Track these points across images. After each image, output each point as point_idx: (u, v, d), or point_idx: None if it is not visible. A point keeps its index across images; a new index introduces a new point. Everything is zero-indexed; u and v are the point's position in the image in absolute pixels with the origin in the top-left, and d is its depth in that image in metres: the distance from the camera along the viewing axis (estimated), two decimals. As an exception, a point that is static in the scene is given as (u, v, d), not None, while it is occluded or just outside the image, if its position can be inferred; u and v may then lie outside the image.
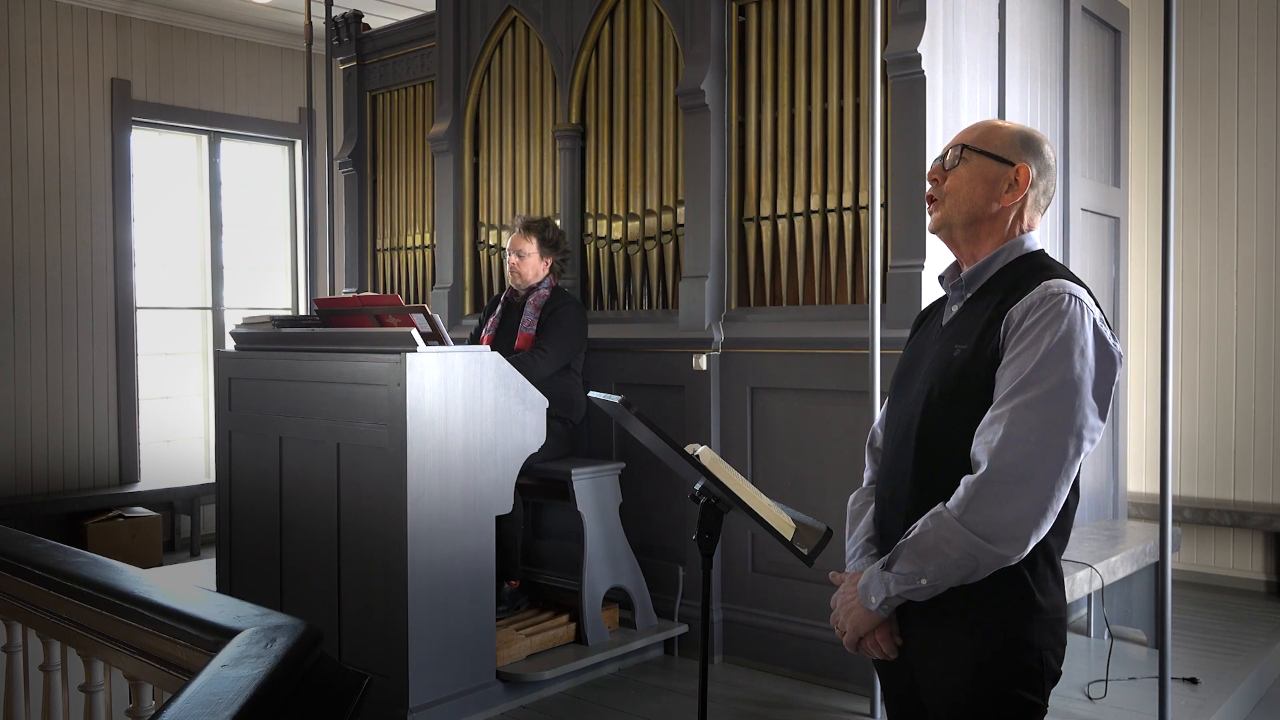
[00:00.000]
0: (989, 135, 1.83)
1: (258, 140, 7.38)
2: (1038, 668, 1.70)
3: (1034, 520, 1.62)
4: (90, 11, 6.47)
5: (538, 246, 4.29)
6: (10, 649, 2.39)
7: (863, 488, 2.03)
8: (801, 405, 3.98)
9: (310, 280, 6.04)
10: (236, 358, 4.18)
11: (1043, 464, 1.61)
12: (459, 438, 3.53)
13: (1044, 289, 1.68)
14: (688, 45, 4.26)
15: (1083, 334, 1.64)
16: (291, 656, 1.53)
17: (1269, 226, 5.26)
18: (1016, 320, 1.67)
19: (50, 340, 6.31)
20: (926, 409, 1.77)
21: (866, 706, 3.64)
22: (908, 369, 1.91)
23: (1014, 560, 1.64)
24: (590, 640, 3.97)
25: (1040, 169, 1.82)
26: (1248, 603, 5.04)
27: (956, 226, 1.83)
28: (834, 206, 3.94)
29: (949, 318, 1.86)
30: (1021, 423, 1.61)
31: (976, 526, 1.61)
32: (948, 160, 1.85)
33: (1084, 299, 1.68)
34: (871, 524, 1.93)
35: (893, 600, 1.73)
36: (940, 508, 1.67)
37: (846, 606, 1.82)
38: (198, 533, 6.68)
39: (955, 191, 1.82)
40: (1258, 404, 5.29)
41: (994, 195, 1.80)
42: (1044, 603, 1.70)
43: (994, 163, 1.80)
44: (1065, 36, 4.42)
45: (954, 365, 1.74)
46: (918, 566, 1.67)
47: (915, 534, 1.69)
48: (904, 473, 1.81)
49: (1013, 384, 1.63)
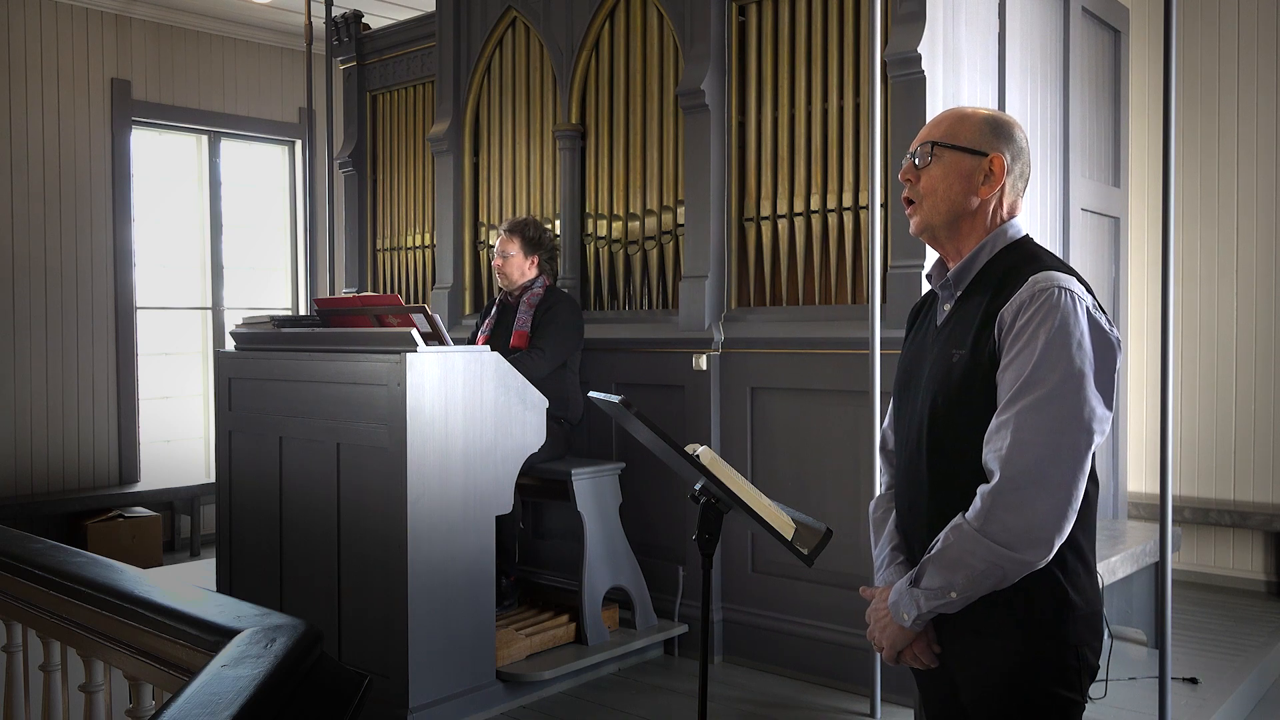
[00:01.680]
0: (957, 128, 1.80)
1: (258, 140, 7.38)
2: (1075, 665, 1.68)
3: (1055, 523, 1.60)
4: (90, 11, 6.47)
5: (521, 246, 4.33)
6: (10, 649, 2.39)
7: (881, 493, 2.00)
8: (801, 405, 3.98)
9: (310, 280, 6.04)
10: (236, 358, 4.18)
11: (1055, 465, 1.59)
12: (459, 437, 3.53)
13: (1032, 285, 1.65)
14: (688, 45, 4.26)
15: (1077, 326, 1.62)
16: (291, 656, 1.53)
17: (1269, 226, 5.26)
18: (1009, 321, 1.65)
19: (50, 340, 6.31)
20: (933, 417, 1.75)
21: (866, 706, 3.64)
22: (910, 371, 1.89)
23: (1041, 564, 1.62)
24: (590, 640, 3.97)
25: (1013, 154, 1.79)
26: (1248, 603, 5.04)
27: (938, 227, 1.82)
28: (834, 206, 3.94)
29: (943, 317, 1.84)
30: (1028, 426, 1.59)
31: (997, 536, 1.60)
32: (919, 158, 1.82)
33: (1074, 289, 1.65)
34: (895, 531, 1.91)
35: (925, 616, 1.71)
36: (960, 519, 1.65)
37: (881, 623, 1.80)
38: (198, 533, 6.68)
39: (931, 191, 1.80)
40: (1258, 404, 5.29)
41: (971, 189, 1.78)
42: (1077, 599, 1.68)
43: (967, 156, 1.78)
44: (1065, 36, 4.42)
45: (954, 372, 1.72)
46: (945, 581, 1.66)
47: (939, 548, 1.68)
48: (920, 482, 1.79)
49: (1014, 387, 1.62)
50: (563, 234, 4.77)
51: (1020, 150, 1.81)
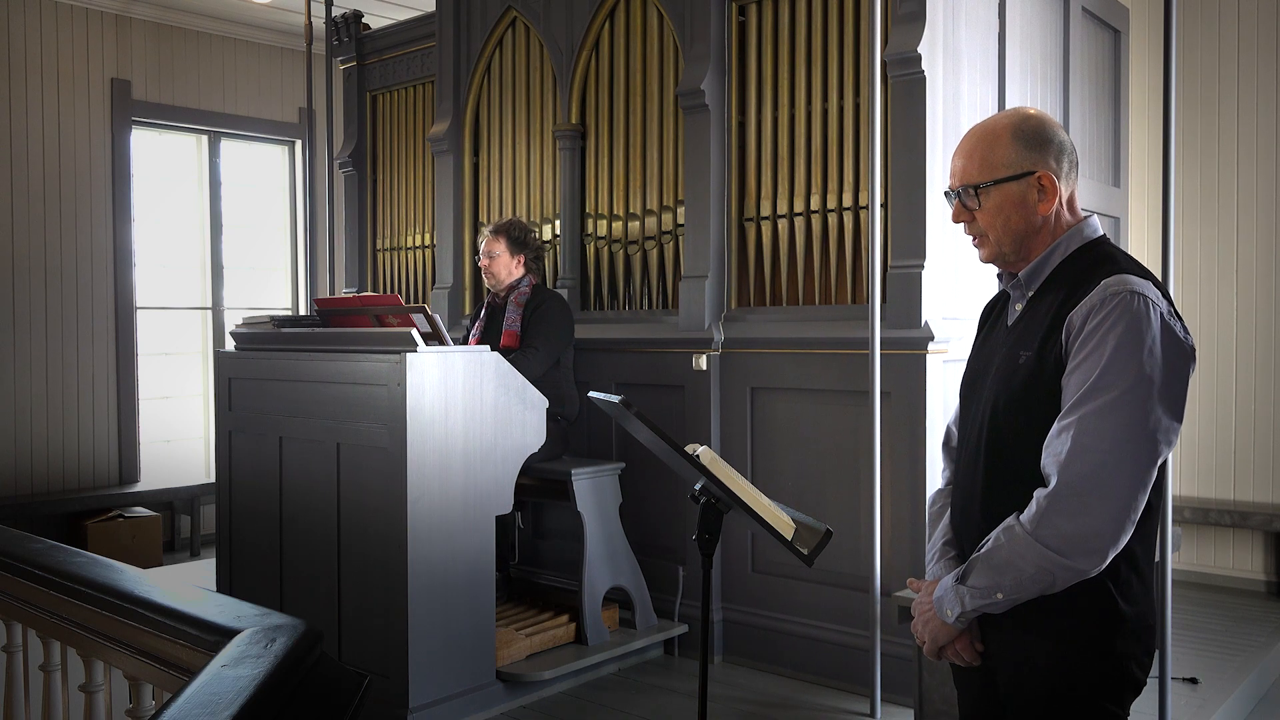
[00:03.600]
0: (991, 156, 1.73)
1: (258, 140, 7.38)
2: (1118, 677, 1.66)
3: (1111, 533, 1.56)
4: (90, 11, 6.47)
5: (506, 246, 4.33)
6: (10, 649, 2.39)
7: (941, 488, 1.98)
8: (801, 405, 3.98)
9: (310, 280, 6.04)
10: (236, 358, 4.18)
11: (1117, 473, 1.55)
12: (459, 437, 3.53)
13: (1104, 288, 1.60)
14: (688, 45, 4.26)
15: (1149, 331, 1.57)
16: (291, 656, 1.53)
17: (1269, 226, 5.26)
18: (1078, 324, 1.61)
19: (50, 340, 6.31)
20: (993, 419, 1.72)
21: (866, 706, 3.64)
22: (978, 370, 1.85)
23: (1093, 573, 1.58)
24: (590, 640, 3.97)
25: (1057, 156, 1.73)
26: (1248, 603, 5.04)
27: (1009, 253, 1.77)
28: (834, 206, 3.94)
29: (1014, 317, 1.80)
30: (1091, 432, 1.55)
31: (1050, 541, 1.57)
32: (967, 202, 1.77)
33: (1148, 294, 1.59)
34: (950, 526, 1.89)
35: (969, 614, 1.69)
36: (1013, 520, 1.63)
37: (924, 617, 1.78)
38: (198, 533, 6.68)
39: (992, 226, 1.75)
40: (1258, 404, 5.29)
41: (1030, 211, 1.73)
42: (1128, 611, 1.65)
43: (1014, 184, 1.72)
44: (1065, 36, 4.42)
45: (1019, 374, 1.69)
46: (992, 581, 1.63)
47: (989, 548, 1.65)
48: (974, 483, 1.77)
49: (1079, 392, 1.57)
50: (563, 234, 4.77)
51: (1061, 146, 1.74)
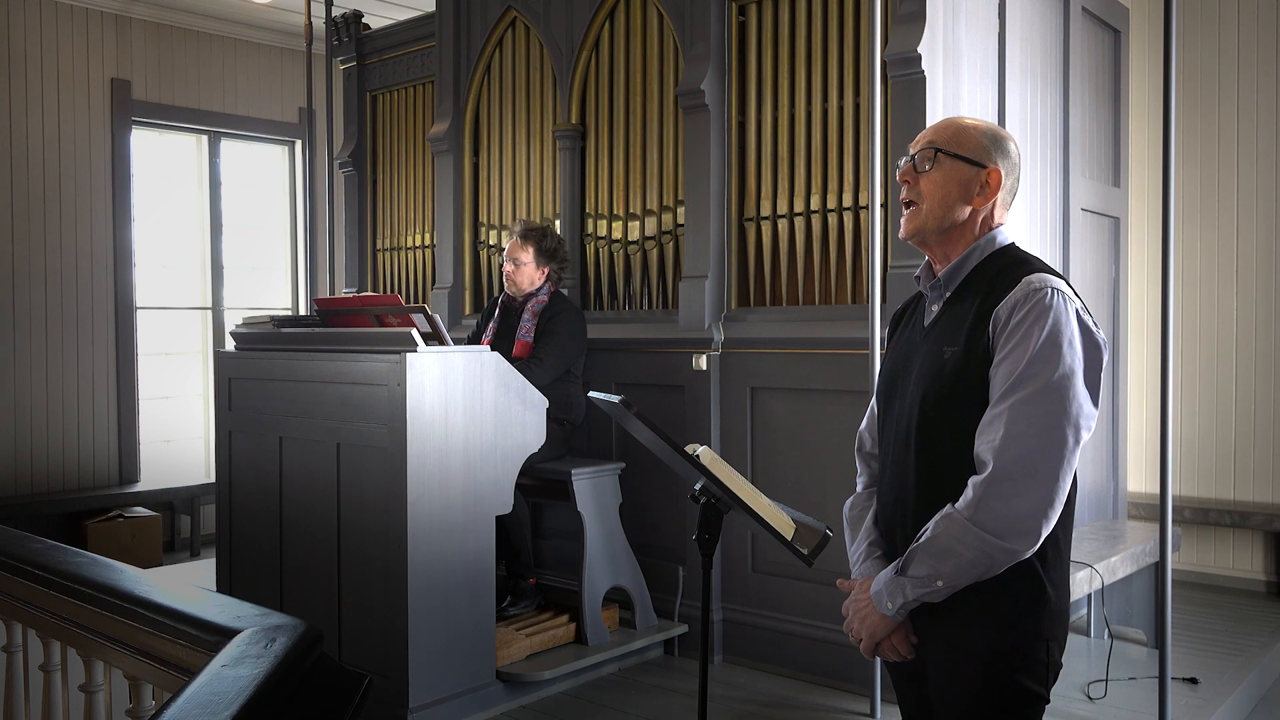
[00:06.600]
0: (960, 137, 1.84)
1: (258, 140, 7.38)
2: (1044, 658, 1.74)
3: (1043, 512, 1.65)
4: (90, 11, 6.47)
5: (534, 255, 4.24)
6: (10, 649, 2.39)
7: (858, 493, 2.05)
8: (801, 405, 3.98)
9: (310, 280, 6.04)
10: (236, 358, 4.18)
11: (1046, 457, 1.64)
12: (459, 437, 3.53)
13: (1026, 285, 1.71)
14: (688, 45, 4.26)
15: (1069, 326, 1.68)
16: (291, 656, 1.53)
17: (1269, 226, 5.26)
18: (1004, 318, 1.71)
19: (50, 340, 6.31)
20: (923, 413, 1.79)
21: (866, 706, 3.64)
22: (897, 372, 1.92)
23: (1027, 554, 1.67)
24: (590, 640, 3.97)
25: (1008, 169, 1.85)
26: (1248, 603, 5.04)
27: (931, 232, 1.86)
28: (834, 206, 3.94)
29: (931, 318, 1.88)
30: (1021, 419, 1.64)
31: (988, 524, 1.64)
32: (919, 161, 1.85)
33: (1064, 291, 1.72)
34: (873, 527, 1.94)
35: (910, 604, 1.74)
36: (950, 509, 1.69)
37: (861, 613, 1.82)
38: (198, 533, 6.68)
39: (930, 195, 1.84)
40: (1258, 404, 5.29)
41: (967, 198, 1.83)
42: (1052, 593, 1.74)
43: (966, 165, 1.83)
44: (1065, 36, 4.42)
45: (946, 367, 1.77)
46: (933, 569, 1.69)
47: (927, 537, 1.71)
48: (907, 477, 1.82)
49: (1008, 382, 1.67)
50: (563, 234, 4.76)
51: (1014, 166, 1.87)
